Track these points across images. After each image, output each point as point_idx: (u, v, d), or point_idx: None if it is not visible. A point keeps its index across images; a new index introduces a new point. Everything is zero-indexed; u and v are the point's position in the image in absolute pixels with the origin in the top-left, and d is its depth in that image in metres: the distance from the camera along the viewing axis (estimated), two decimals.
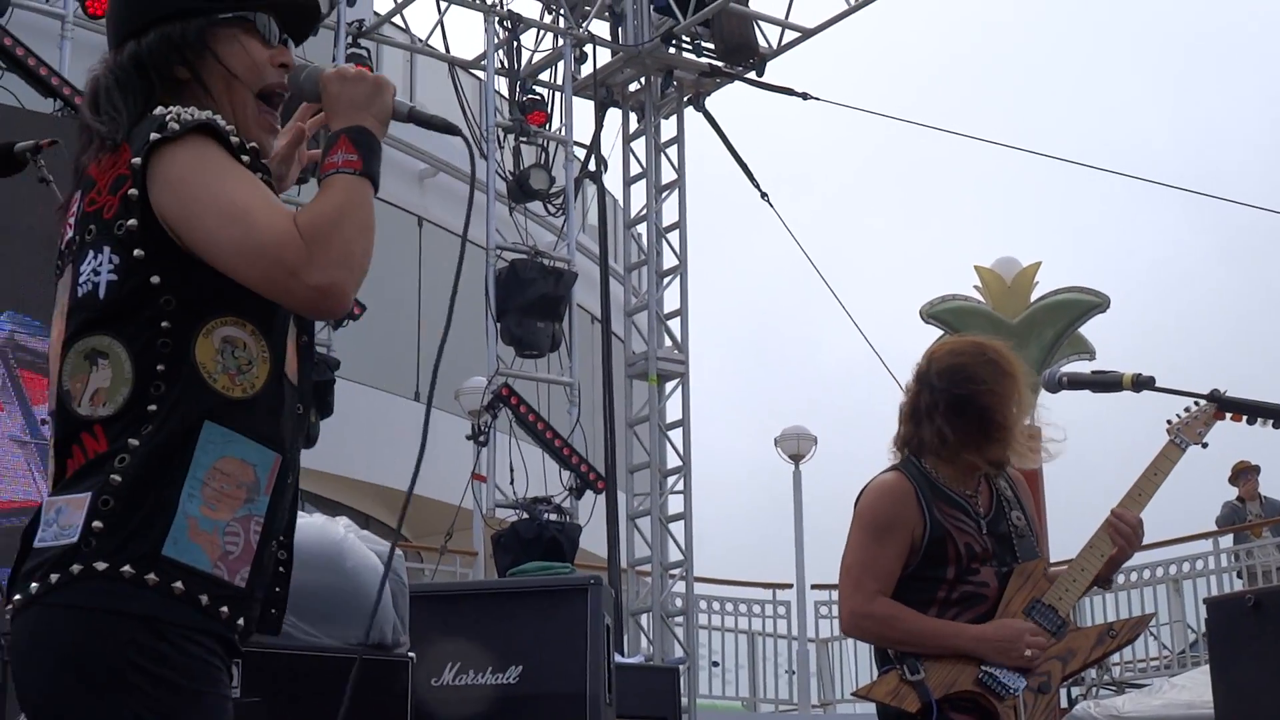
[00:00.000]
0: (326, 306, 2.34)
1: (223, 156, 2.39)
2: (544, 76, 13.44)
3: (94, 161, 2.47)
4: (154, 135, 2.37)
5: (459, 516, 11.90)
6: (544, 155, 12.65)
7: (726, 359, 41.84)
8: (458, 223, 19.13)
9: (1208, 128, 44.23)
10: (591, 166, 13.17)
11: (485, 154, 12.20)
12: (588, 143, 13.35)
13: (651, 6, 13.41)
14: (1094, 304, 18.23)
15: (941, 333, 15.95)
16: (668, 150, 14.05)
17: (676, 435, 13.53)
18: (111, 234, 2.39)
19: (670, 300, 13.76)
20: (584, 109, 13.54)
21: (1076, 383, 4.24)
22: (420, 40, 13.70)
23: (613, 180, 14.37)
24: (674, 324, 13.70)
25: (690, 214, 13.87)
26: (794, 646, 16.13)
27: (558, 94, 13.19)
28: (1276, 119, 43.16)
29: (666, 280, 13.75)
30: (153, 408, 2.34)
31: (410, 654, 5.59)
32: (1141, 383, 4.15)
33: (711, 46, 13.60)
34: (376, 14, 13.88)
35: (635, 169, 14.05)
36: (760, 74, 13.70)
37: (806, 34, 13.64)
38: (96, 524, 2.29)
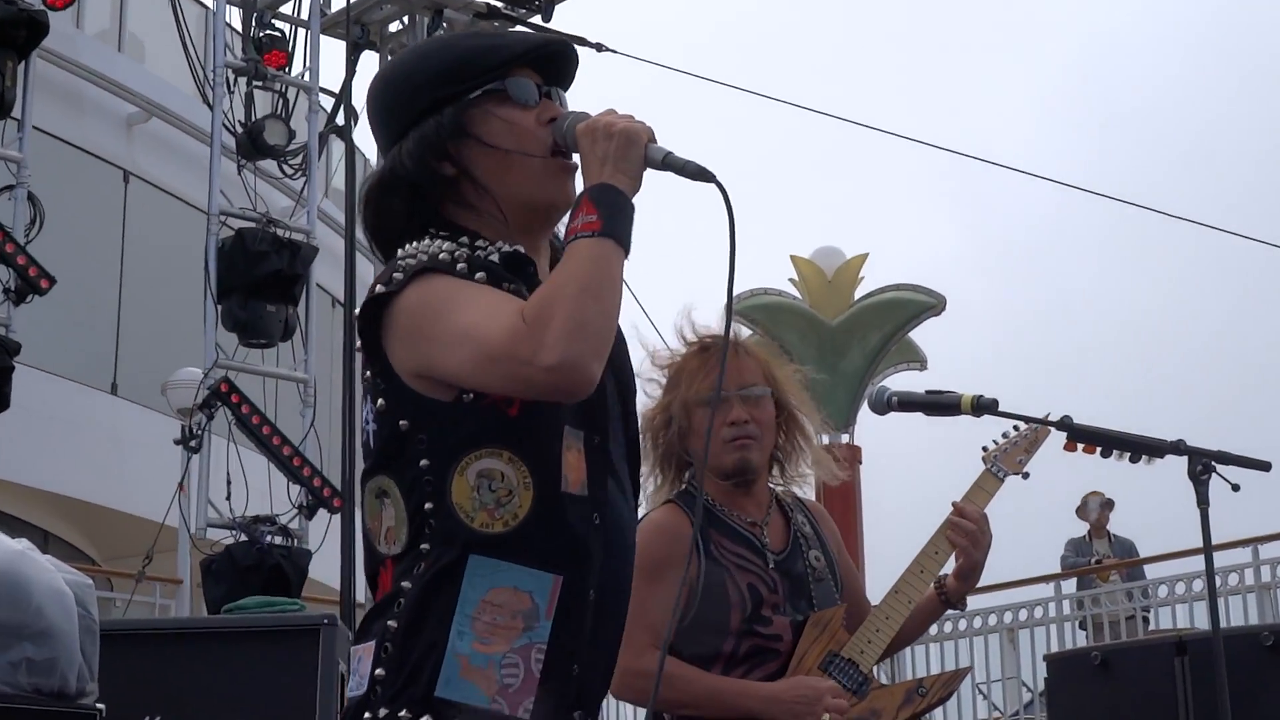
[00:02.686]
0: (568, 385, 2.58)
1: (445, 288, 2.70)
2: (286, 9, 13.29)
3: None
4: (379, 288, 2.71)
5: (161, 536, 11.70)
6: (282, 104, 12.49)
7: None
8: (172, 179, 18.83)
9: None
10: (340, 119, 13.05)
11: (211, 102, 12.02)
12: (336, 91, 13.25)
13: None
14: (927, 305, 18.60)
15: (749, 333, 16.13)
16: None
17: None
18: (366, 386, 2.80)
19: None
20: (333, 50, 13.44)
21: (908, 404, 4.29)
22: None
23: (365, 137, 14.27)
24: None
25: None
26: None
27: (302, 31, 13.05)
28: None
29: None
30: (425, 546, 2.71)
31: (99, 705, 5.50)
32: (983, 406, 4.20)
33: None
34: None
35: None
36: (548, 19, 13.71)
37: None
38: (379, 671, 2.67)
